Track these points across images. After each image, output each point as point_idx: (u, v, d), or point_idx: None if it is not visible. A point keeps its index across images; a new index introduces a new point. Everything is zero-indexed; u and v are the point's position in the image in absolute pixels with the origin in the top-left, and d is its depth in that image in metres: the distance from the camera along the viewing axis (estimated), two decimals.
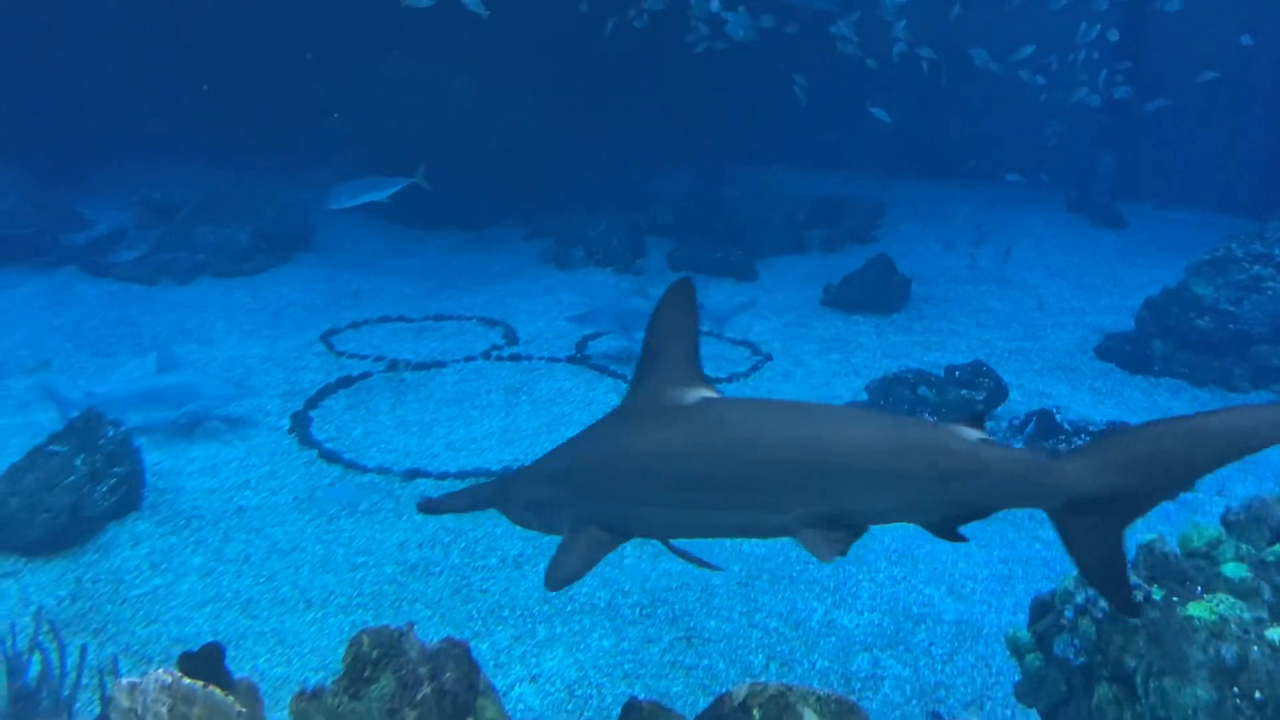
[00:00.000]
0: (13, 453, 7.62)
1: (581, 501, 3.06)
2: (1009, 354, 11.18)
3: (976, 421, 2.75)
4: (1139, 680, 3.91)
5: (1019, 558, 7.36)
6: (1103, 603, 4.16)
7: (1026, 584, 7.01)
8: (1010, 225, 16.39)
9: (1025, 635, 4.64)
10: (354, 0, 15.60)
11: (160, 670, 2.63)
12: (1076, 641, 4.27)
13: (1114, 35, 14.54)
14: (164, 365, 8.95)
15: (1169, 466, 2.52)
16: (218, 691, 2.65)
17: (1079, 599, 4.31)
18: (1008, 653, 4.78)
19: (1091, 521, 2.63)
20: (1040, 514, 7.75)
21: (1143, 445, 2.56)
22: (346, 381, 9.87)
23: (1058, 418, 8.58)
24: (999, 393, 9.34)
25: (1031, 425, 8.63)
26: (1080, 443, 8.24)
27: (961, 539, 2.81)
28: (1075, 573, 4.66)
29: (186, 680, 2.60)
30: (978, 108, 17.79)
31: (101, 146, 16.87)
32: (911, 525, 7.59)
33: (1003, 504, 2.78)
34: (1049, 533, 7.61)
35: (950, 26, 14.97)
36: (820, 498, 2.75)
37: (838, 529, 2.76)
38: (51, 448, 7.25)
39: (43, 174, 15.09)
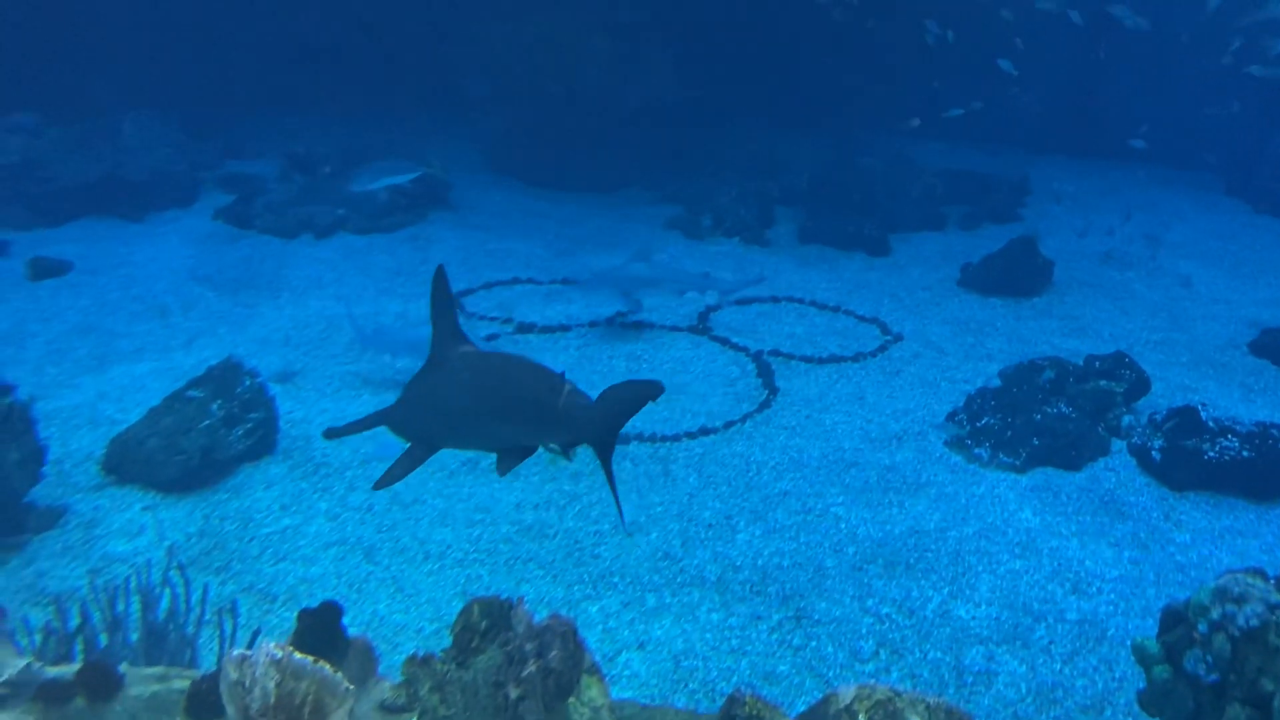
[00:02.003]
0: (154, 395, 8.03)
1: (413, 422, 3.89)
2: (1154, 345, 10.67)
3: (561, 379, 3.55)
4: (1276, 705, 3.70)
5: (1151, 560, 7.05)
6: (1240, 620, 3.94)
7: (1158, 589, 6.71)
8: (1163, 208, 15.61)
9: (1154, 645, 4.43)
10: None
11: (271, 644, 2.69)
12: (1209, 658, 4.06)
13: None
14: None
15: (613, 415, 3.55)
16: (327, 667, 2.70)
17: (1214, 614, 4.09)
18: (1133, 659, 4.59)
19: (604, 456, 3.56)
20: (1177, 516, 7.44)
21: (608, 397, 3.55)
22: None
23: (1203, 415, 8.14)
24: (1141, 385, 8.95)
25: (1174, 422, 8.22)
26: (1224, 444, 7.85)
27: (569, 459, 3.80)
28: (1212, 584, 4.44)
29: (297, 655, 2.65)
30: (1137, 81, 16.89)
31: (249, 98, 17.42)
32: (1035, 520, 7.28)
33: (579, 441, 3.63)
34: (1184, 535, 7.31)
35: None
36: (488, 433, 3.76)
37: (511, 454, 3.71)
38: (189, 393, 7.58)
39: (191, 124, 15.65)
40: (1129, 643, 5.80)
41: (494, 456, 3.78)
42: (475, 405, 3.66)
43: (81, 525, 6.91)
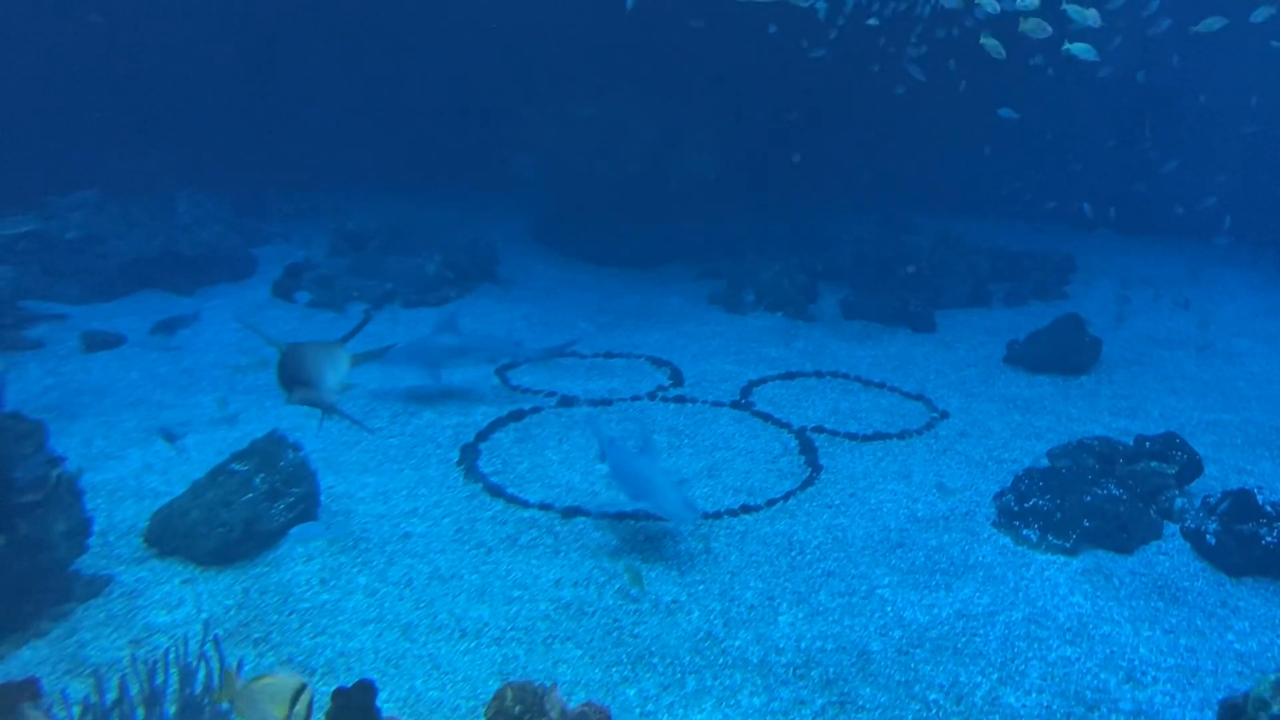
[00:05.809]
0: (199, 468, 8.09)
1: None
2: (1206, 425, 10.46)
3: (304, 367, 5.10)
4: None
5: (1209, 649, 6.82)
6: None
7: (1216, 679, 6.48)
8: (1214, 286, 15.42)
9: None
10: (548, 49, 16.14)
11: None
12: None
13: None
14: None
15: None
16: None
17: (1275, 709, 3.94)
18: None
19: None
20: (1234, 603, 7.22)
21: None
22: (517, 416, 10.04)
23: (1259, 498, 7.93)
24: (1193, 467, 8.74)
25: (1229, 505, 8.01)
26: None
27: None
28: (1273, 676, 4.28)
29: None
30: (1186, 155, 16.78)
31: (300, 176, 17.86)
32: (1087, 605, 7.05)
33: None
34: (1242, 623, 7.09)
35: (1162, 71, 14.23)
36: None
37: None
38: (233, 466, 7.63)
39: (243, 201, 16.03)
40: None
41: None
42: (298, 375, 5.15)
43: (124, 595, 6.93)
